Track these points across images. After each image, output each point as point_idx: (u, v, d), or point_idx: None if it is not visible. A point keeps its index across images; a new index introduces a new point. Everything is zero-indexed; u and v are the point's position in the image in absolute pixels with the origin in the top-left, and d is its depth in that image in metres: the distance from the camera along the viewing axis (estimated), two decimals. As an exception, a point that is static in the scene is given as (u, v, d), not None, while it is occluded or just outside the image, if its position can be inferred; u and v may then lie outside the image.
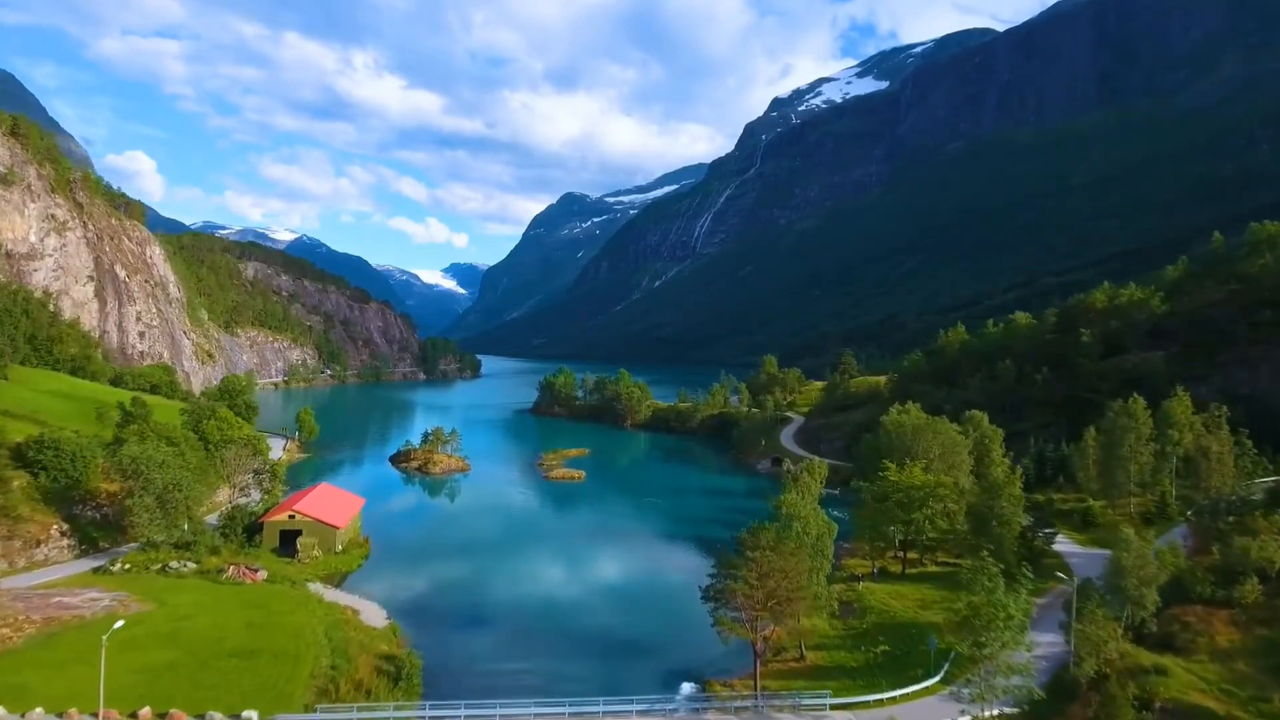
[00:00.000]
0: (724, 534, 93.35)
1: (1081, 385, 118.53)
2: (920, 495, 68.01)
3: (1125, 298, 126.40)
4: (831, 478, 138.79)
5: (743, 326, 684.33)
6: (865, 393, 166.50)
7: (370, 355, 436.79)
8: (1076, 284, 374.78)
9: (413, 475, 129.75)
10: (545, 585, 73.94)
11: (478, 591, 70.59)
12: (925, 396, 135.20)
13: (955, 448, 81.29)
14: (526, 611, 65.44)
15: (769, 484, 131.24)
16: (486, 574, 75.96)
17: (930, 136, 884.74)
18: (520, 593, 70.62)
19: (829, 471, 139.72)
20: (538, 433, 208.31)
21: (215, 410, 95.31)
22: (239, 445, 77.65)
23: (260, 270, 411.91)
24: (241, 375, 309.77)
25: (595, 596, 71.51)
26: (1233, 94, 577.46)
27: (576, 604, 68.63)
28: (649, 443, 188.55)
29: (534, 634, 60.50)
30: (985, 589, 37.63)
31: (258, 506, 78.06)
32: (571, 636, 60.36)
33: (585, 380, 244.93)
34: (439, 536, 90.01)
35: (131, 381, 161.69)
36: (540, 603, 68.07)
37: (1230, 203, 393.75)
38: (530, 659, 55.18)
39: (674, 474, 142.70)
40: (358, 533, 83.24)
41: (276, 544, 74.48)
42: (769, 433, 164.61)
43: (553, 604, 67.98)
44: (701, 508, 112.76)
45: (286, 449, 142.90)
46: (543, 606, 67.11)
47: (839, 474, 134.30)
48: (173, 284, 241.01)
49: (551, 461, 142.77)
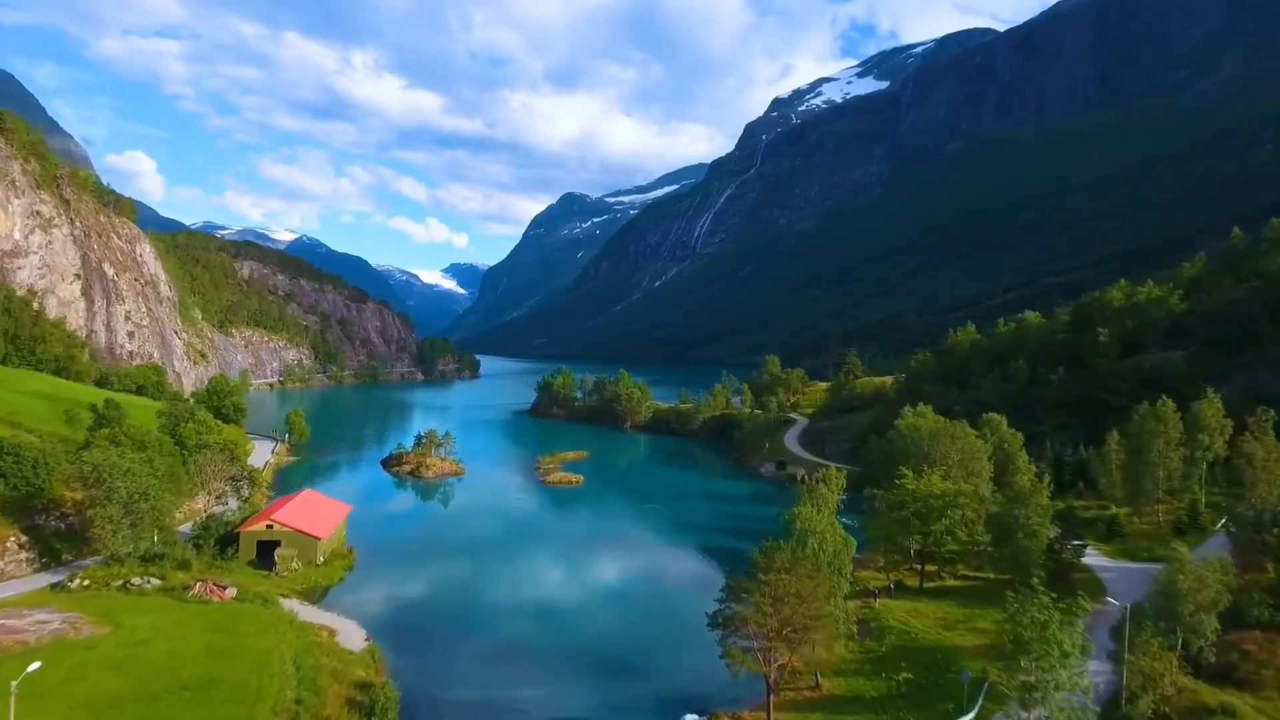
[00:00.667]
0: (728, 543, 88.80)
1: (1099, 386, 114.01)
2: (939, 505, 63.45)
3: (1143, 295, 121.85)
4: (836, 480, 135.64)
5: (743, 326, 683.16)
6: (871, 394, 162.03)
7: (368, 355, 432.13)
8: (1077, 284, 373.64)
9: (405, 480, 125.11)
10: (539, 599, 69.37)
11: (467, 606, 66.06)
12: (935, 398, 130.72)
13: (975, 453, 76.61)
14: (518, 629, 60.88)
15: (773, 488, 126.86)
16: (477, 586, 71.42)
17: (930, 136, 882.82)
18: (512, 608, 66.10)
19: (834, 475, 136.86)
20: (535, 435, 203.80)
21: (194, 413, 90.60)
22: (214, 450, 72.80)
23: (256, 269, 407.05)
24: (232, 376, 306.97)
25: (592, 612, 66.98)
26: (1233, 94, 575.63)
27: (572, 620, 64.09)
28: (649, 445, 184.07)
29: (526, 654, 55.97)
30: (1035, 622, 32.94)
31: (235, 515, 73.46)
32: (566, 656, 55.84)
33: (584, 381, 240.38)
34: (428, 545, 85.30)
35: (117, 382, 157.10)
36: (533, 619, 63.53)
37: (1231, 202, 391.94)
38: (521, 684, 50.66)
39: (675, 478, 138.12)
40: (342, 542, 78.71)
41: (253, 556, 69.93)
42: (772, 435, 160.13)
43: (547, 620, 63.43)
44: (704, 514, 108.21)
45: (275, 452, 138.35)
46: (536, 623, 62.56)
47: (846, 477, 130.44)
48: (164, 282, 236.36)
49: (549, 465, 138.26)
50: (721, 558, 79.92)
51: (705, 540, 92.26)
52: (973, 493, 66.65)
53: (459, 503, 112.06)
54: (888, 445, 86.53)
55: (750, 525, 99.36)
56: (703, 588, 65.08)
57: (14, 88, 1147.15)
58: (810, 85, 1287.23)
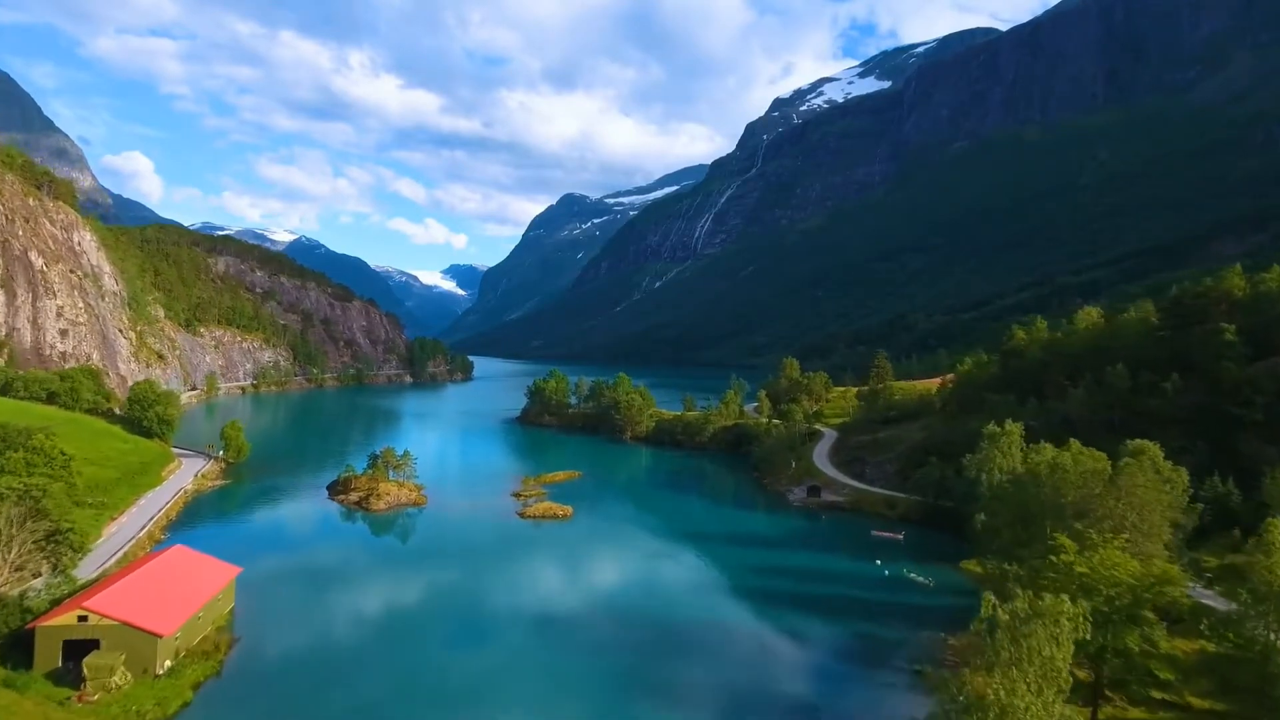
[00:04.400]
0: (783, 619, 64.69)
1: (1225, 396, 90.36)
2: (1127, 601, 39.07)
3: (1273, 281, 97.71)
4: (886, 513, 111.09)
5: (745, 328, 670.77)
6: (914, 403, 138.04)
7: (352, 356, 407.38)
8: (1094, 283, 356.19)
9: (352, 511, 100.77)
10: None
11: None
12: (1001, 410, 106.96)
13: (1152, 506, 51.82)
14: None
15: (807, 524, 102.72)
16: (405, 704, 47.20)
17: (934, 135, 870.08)
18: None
19: (883, 507, 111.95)
20: (523, 447, 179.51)
21: (32, 438, 66.31)
22: (10, 502, 48.13)
23: (233, 265, 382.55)
24: (197, 379, 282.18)
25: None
26: (1245, 91, 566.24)
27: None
28: (652, 460, 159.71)
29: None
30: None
31: (39, 598, 49.31)
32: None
33: (579, 385, 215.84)
34: (345, 626, 59.99)
35: (23, 389, 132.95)
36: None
37: (1248, 200, 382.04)
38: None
39: (687, 508, 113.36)
40: (218, 628, 54.60)
41: (58, 663, 45.83)
42: (797, 450, 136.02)
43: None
44: (734, 568, 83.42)
45: (201, 474, 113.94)
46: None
47: (894, 508, 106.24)
48: (108, 275, 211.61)
49: (532, 490, 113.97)
50: (779, 653, 56.38)
51: (732, 617, 68.05)
52: (1179, 574, 42.24)
53: (410, 549, 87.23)
54: (1009, 491, 60.99)
55: (792, 586, 75.26)
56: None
57: (10, 87, 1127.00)
58: (811, 85, 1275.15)
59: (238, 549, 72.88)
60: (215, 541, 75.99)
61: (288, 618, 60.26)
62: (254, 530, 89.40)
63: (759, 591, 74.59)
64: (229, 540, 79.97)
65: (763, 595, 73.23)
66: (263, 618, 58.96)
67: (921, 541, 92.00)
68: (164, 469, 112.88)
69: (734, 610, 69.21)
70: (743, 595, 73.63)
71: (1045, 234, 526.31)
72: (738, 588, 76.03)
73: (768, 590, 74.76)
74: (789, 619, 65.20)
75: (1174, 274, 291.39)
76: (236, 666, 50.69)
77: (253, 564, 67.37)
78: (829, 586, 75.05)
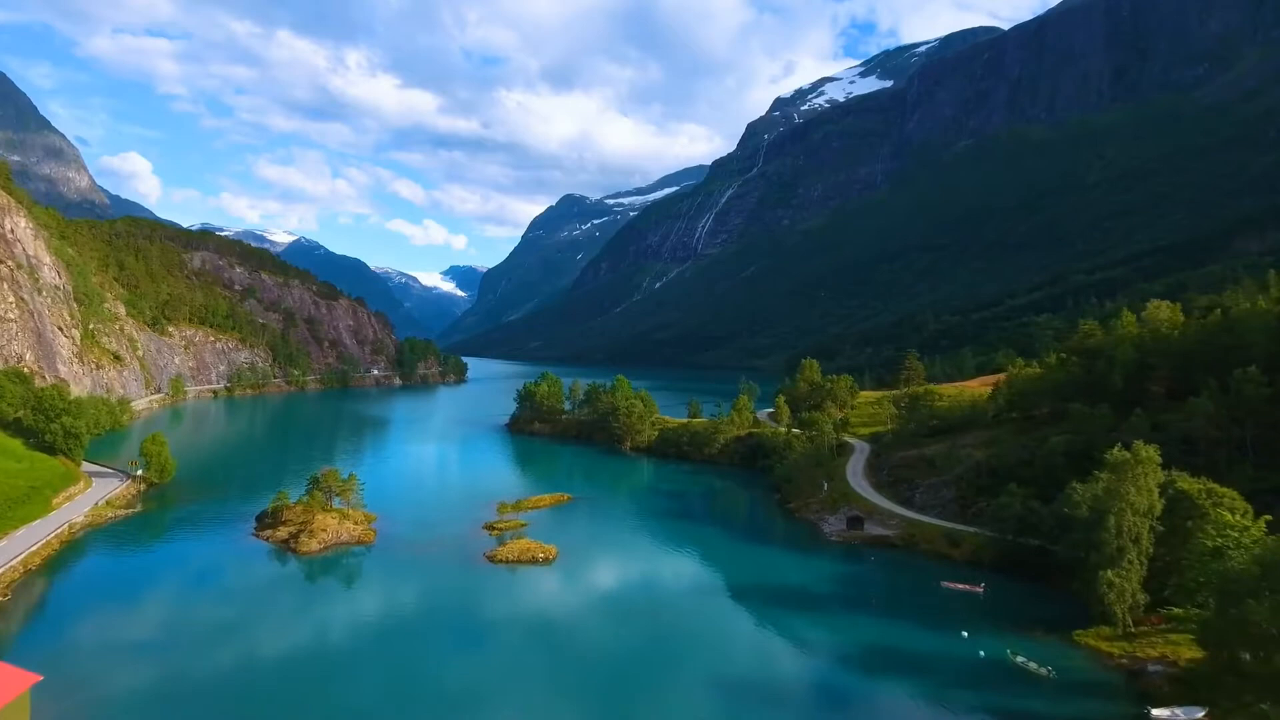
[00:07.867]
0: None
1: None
2: None
3: None
4: (949, 552, 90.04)
5: (747, 328, 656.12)
6: (964, 413, 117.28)
7: (337, 358, 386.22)
8: (1109, 282, 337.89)
9: (279, 551, 79.81)
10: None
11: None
12: (1090, 424, 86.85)
13: None
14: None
15: (853, 568, 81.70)
16: None
17: (938, 134, 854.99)
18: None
19: (944, 545, 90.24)
20: (508, 460, 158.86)
21: None
22: None
23: (210, 260, 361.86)
24: (162, 381, 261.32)
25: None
26: (1257, 88, 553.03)
27: None
28: (655, 476, 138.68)
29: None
30: None
31: None
32: None
33: (574, 389, 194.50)
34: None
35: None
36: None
37: (1262, 197, 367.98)
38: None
39: (697, 542, 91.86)
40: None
41: None
42: (827, 468, 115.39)
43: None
44: (762, 641, 62.82)
45: (107, 501, 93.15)
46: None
47: (958, 546, 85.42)
48: (48, 268, 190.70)
49: (509, 520, 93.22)
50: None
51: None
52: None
53: (336, 615, 63.78)
54: (1250, 574, 38.17)
55: (866, 681, 54.10)
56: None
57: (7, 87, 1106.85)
58: (812, 85, 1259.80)
59: (78, 627, 52.37)
60: (62, 609, 55.44)
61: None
62: (126, 589, 67.04)
63: (806, 684, 54.03)
64: (81, 607, 59.17)
65: (813, 690, 52.72)
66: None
67: (1003, 595, 71.31)
68: (60, 494, 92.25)
69: (775, 715, 48.63)
70: (785, 689, 53.00)
71: (1053, 233, 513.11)
72: (775, 677, 55.24)
73: (817, 682, 54.19)
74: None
75: (1195, 272, 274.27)
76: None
77: (77, 659, 46.61)
78: (901, 676, 54.33)
